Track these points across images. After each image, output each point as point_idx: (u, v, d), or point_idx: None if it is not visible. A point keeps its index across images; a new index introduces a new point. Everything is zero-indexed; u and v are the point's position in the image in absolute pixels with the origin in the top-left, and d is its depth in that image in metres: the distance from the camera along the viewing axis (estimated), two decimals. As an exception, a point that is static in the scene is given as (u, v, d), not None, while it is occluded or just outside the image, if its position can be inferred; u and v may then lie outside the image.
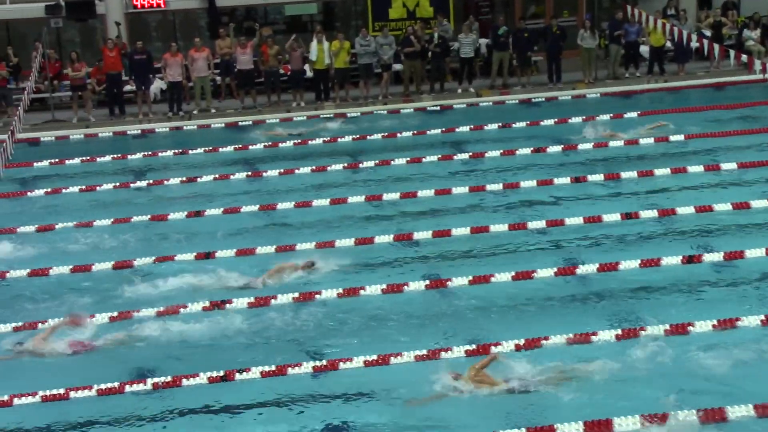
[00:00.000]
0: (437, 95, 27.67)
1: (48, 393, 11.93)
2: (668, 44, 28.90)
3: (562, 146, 21.81)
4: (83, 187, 20.50)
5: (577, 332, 12.72)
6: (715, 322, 12.79)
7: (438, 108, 26.70)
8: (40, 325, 13.81)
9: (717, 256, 15.08)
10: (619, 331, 12.77)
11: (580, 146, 21.77)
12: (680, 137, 21.91)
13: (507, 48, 28.12)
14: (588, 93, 27.43)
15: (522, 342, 12.59)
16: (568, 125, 23.70)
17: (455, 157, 21.50)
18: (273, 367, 12.29)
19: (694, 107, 24.74)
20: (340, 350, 12.80)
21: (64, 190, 20.43)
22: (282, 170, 21.12)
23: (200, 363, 12.53)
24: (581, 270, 14.83)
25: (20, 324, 13.92)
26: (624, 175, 19.39)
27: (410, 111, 26.58)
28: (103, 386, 12.00)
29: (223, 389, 11.87)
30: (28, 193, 20.31)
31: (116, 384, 12.06)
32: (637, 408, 10.79)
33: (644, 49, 28.96)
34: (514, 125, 23.97)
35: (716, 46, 26.95)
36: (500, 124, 24.06)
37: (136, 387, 12.05)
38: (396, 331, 13.33)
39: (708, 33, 29.53)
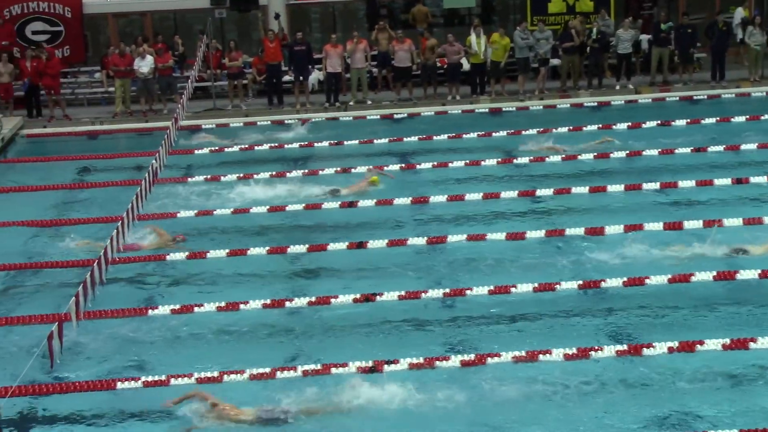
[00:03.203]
0: (595, 91, 27.24)
1: (203, 375, 12.26)
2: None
3: (724, 146, 21.21)
4: (241, 174, 20.92)
5: (735, 338, 12.38)
6: None
7: (595, 104, 26.28)
8: (196, 308, 14.22)
9: None
10: (780, 339, 12.40)
11: (743, 146, 21.13)
12: None
13: (668, 44, 27.46)
14: (753, 92, 26.57)
15: (676, 345, 12.34)
16: (730, 124, 23.02)
17: (611, 155, 21.10)
18: (421, 360, 12.34)
19: None
20: (487, 345, 12.77)
21: (222, 178, 20.89)
22: (435, 163, 21.14)
23: (350, 352, 12.70)
24: (741, 275, 14.39)
25: (177, 307, 14.33)
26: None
27: (566, 106, 26.25)
28: (255, 371, 12.26)
29: (370, 380, 11.94)
30: (189, 179, 20.84)
31: (268, 369, 12.31)
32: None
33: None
34: (673, 123, 23.42)
35: None
36: (659, 122, 23.55)
37: (286, 374, 12.27)
38: (545, 330, 13.26)
39: None
